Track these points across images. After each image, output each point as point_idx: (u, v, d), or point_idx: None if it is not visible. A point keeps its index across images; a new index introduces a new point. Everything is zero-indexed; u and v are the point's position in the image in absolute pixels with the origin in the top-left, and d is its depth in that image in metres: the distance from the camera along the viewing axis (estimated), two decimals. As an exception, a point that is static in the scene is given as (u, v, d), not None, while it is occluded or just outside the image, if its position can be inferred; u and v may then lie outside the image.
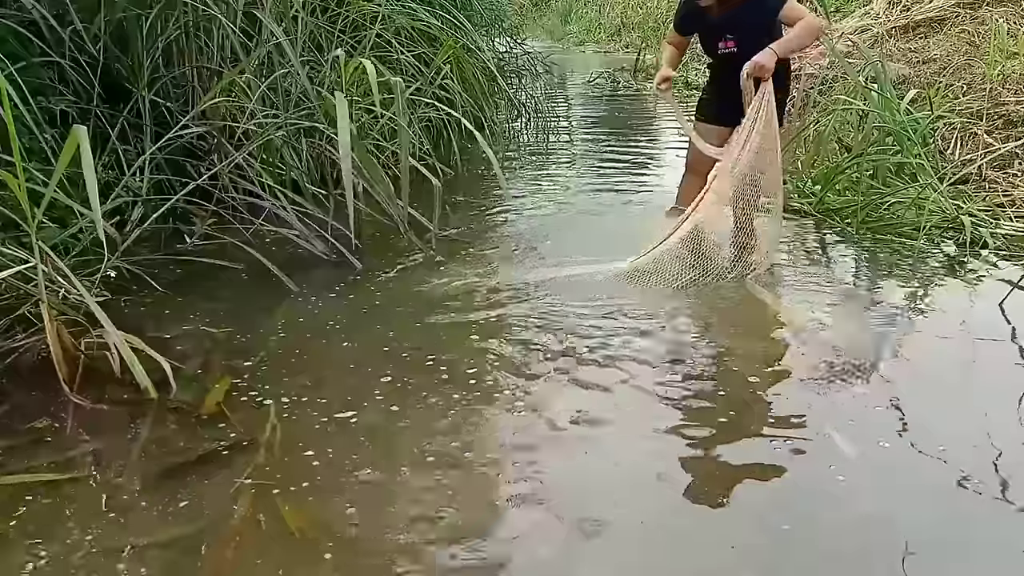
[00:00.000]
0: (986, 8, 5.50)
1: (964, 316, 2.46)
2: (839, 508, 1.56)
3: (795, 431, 1.83)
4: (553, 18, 16.58)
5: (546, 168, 4.72)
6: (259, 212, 3.09)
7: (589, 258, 2.94)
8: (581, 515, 1.53)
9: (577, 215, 3.66)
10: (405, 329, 2.36)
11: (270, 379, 2.06)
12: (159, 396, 1.94)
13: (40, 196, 2.05)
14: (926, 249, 3.01)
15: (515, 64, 6.61)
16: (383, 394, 1.98)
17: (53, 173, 1.98)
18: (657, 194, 3.92)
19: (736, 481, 1.65)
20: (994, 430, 1.81)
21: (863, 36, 6.04)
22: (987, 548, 1.47)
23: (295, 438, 1.79)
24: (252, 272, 2.76)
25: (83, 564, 1.40)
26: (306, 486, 1.62)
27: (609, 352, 2.19)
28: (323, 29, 3.85)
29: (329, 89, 3.47)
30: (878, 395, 1.98)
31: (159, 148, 2.98)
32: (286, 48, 3.04)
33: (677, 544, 1.48)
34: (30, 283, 2.09)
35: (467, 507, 1.57)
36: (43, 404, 1.91)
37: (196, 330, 2.35)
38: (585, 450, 1.75)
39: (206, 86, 3.32)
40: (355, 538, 1.48)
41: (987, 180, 3.52)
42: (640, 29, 12.34)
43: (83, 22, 2.97)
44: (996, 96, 3.98)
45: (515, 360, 2.16)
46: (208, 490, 1.61)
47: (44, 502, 1.57)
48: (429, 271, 2.87)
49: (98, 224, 1.87)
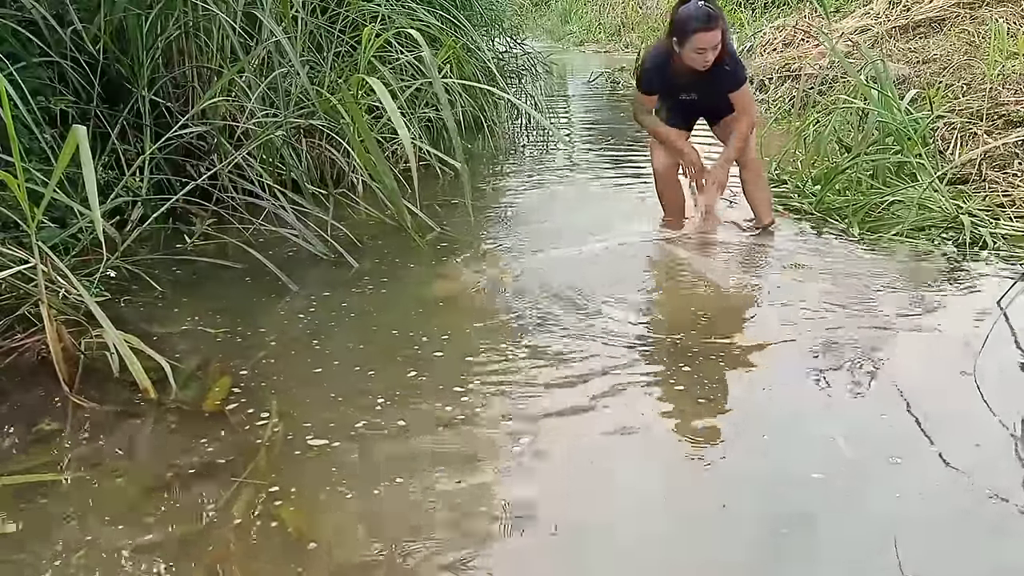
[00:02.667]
0: (986, 8, 5.50)
1: (964, 316, 2.46)
2: (839, 508, 1.56)
3: (795, 431, 1.83)
4: (553, 18, 16.56)
5: (546, 168, 4.72)
6: (259, 212, 3.09)
7: (590, 256, 2.94)
8: (584, 534, 1.53)
9: (578, 215, 3.65)
10: (405, 329, 2.36)
11: (270, 379, 2.06)
12: (159, 396, 1.94)
13: (40, 196, 2.04)
14: (926, 249, 3.01)
15: (515, 64, 6.61)
16: (384, 394, 1.98)
17: (53, 173, 1.98)
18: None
19: (733, 480, 1.65)
20: (994, 430, 1.81)
21: (863, 36, 6.04)
22: (988, 549, 1.46)
23: (295, 438, 1.79)
24: (252, 272, 2.76)
25: (83, 564, 1.40)
26: (306, 487, 1.62)
27: (615, 356, 2.18)
28: (323, 29, 3.86)
29: (330, 89, 3.47)
30: (877, 395, 1.98)
31: (159, 148, 2.99)
32: (286, 48, 3.04)
33: (675, 543, 1.49)
34: (30, 283, 2.09)
35: (468, 508, 1.57)
36: (43, 404, 1.91)
37: (196, 330, 2.35)
38: (591, 459, 1.75)
39: (206, 86, 3.32)
40: (354, 539, 1.48)
41: (987, 180, 3.52)
42: (640, 29, 12.33)
43: (83, 22, 2.96)
44: (996, 96, 3.98)
45: (516, 361, 2.16)
46: (207, 490, 1.60)
47: (44, 502, 1.57)
48: (430, 270, 2.87)
49: (98, 224, 1.87)
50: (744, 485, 1.63)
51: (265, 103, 3.38)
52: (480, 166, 4.55)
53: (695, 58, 2.91)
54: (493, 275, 2.82)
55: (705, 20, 2.83)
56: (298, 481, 1.63)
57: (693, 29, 2.85)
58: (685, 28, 2.87)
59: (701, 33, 2.84)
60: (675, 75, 3.05)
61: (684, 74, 3.02)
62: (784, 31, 7.57)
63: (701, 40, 2.85)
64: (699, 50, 2.88)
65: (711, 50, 2.88)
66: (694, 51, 2.89)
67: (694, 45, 2.87)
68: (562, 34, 15.33)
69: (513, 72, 6.48)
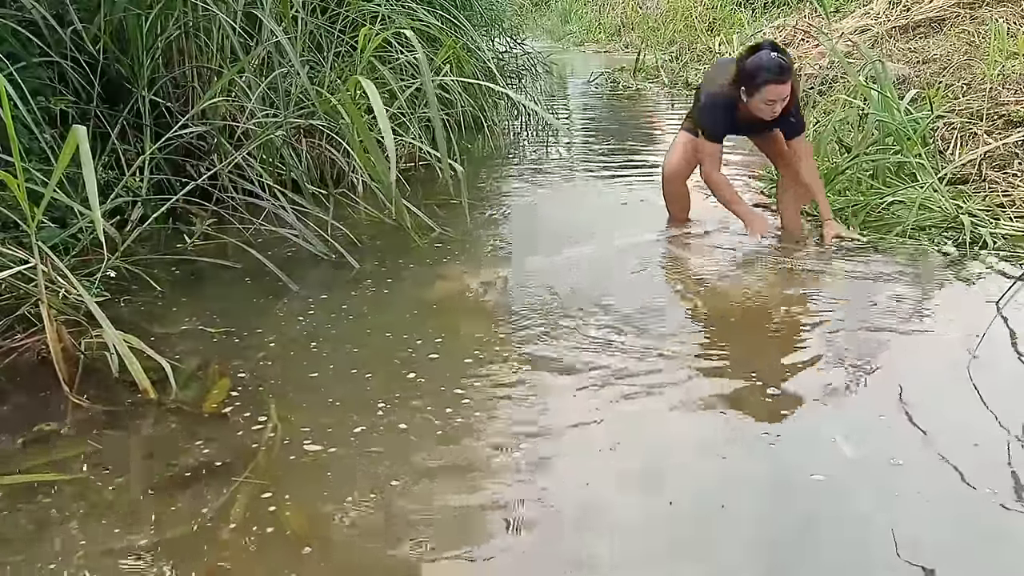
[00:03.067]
0: (986, 8, 5.50)
1: (963, 315, 2.46)
2: (838, 508, 1.56)
3: (795, 430, 1.83)
4: (553, 18, 16.56)
5: (546, 167, 4.72)
6: (259, 212, 3.09)
7: (590, 257, 2.94)
8: (584, 536, 1.53)
9: (578, 215, 3.65)
10: (406, 329, 2.36)
11: (270, 379, 2.06)
12: (158, 396, 1.94)
13: (40, 196, 2.04)
14: (926, 249, 3.01)
15: (515, 64, 6.61)
16: (384, 395, 1.98)
17: (53, 173, 1.98)
18: (657, 192, 3.91)
19: (732, 479, 1.65)
20: (994, 429, 1.81)
21: (863, 36, 6.04)
22: (988, 549, 1.46)
23: (295, 439, 1.79)
24: (252, 272, 2.76)
25: (83, 564, 1.40)
26: (305, 488, 1.62)
27: (622, 362, 2.16)
28: (323, 29, 3.86)
29: (330, 89, 3.47)
30: (877, 395, 1.98)
31: (159, 148, 2.99)
32: (286, 48, 3.04)
33: (673, 543, 1.49)
34: (30, 283, 2.09)
35: (468, 510, 1.57)
36: (43, 404, 1.91)
37: (196, 330, 2.35)
38: (592, 463, 1.75)
39: (206, 86, 3.32)
40: (354, 541, 1.48)
41: (987, 180, 3.52)
42: (640, 29, 12.33)
43: (83, 22, 2.97)
44: (996, 96, 3.98)
45: (516, 363, 2.15)
46: (207, 490, 1.60)
47: (44, 502, 1.57)
48: (429, 271, 2.87)
49: (98, 224, 1.87)
50: (743, 485, 1.63)
51: (265, 103, 3.38)
52: (480, 166, 4.55)
53: (763, 109, 2.86)
54: (493, 276, 2.82)
55: (778, 72, 2.78)
56: (297, 482, 1.63)
57: (765, 80, 2.79)
58: (756, 78, 2.81)
59: (773, 85, 2.79)
60: (738, 121, 3.00)
61: (747, 120, 2.97)
62: (784, 31, 7.58)
63: (772, 92, 2.80)
64: (769, 101, 2.83)
65: (780, 102, 2.83)
66: (763, 102, 2.83)
67: (764, 96, 2.82)
68: (562, 34, 15.33)
69: (513, 72, 6.47)
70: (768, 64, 2.80)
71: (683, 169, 3.29)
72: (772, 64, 2.79)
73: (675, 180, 3.33)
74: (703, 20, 10.60)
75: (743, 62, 2.87)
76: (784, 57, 2.83)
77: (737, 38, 8.54)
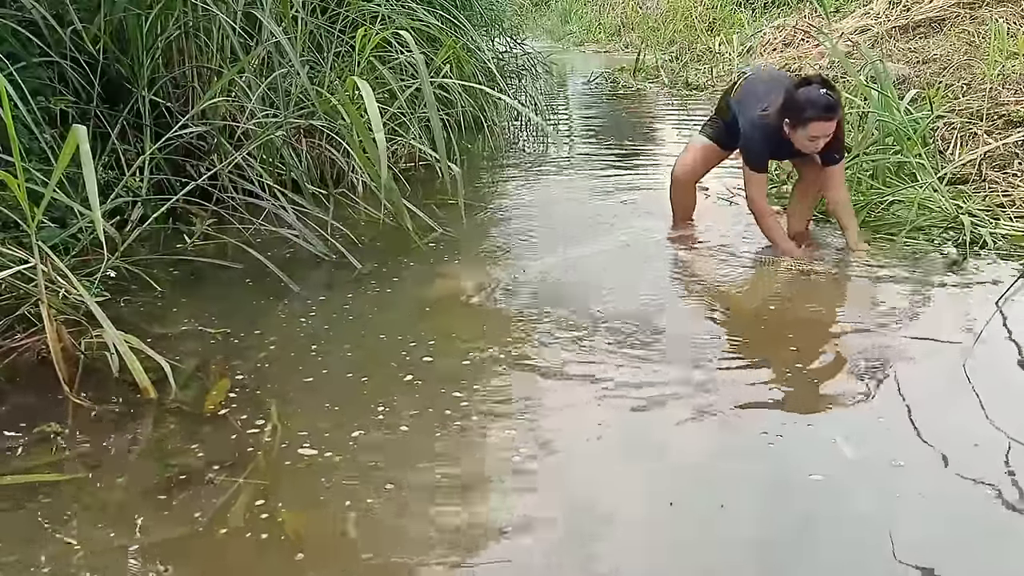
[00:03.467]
0: (986, 8, 5.51)
1: (963, 315, 2.46)
2: (839, 508, 1.56)
3: (794, 430, 1.83)
4: (553, 18, 16.56)
5: (546, 167, 4.72)
6: (259, 212, 3.09)
7: (590, 258, 2.94)
8: (584, 539, 1.53)
9: (578, 214, 3.65)
10: (406, 329, 2.36)
11: (270, 380, 2.06)
12: (158, 396, 1.94)
13: (40, 196, 2.04)
14: (926, 249, 3.00)
15: (515, 64, 6.60)
16: (384, 396, 1.98)
17: (53, 173, 1.98)
18: (658, 192, 3.92)
19: (731, 478, 1.65)
20: (993, 430, 1.81)
21: (863, 36, 6.04)
22: (988, 549, 1.46)
23: (294, 439, 1.78)
24: (252, 272, 2.76)
25: (83, 564, 1.40)
26: (305, 489, 1.62)
27: (621, 363, 2.16)
28: (323, 29, 3.85)
29: (330, 89, 3.47)
30: (877, 395, 1.97)
31: (159, 148, 2.99)
32: (286, 48, 3.04)
33: (673, 542, 1.48)
34: (30, 283, 2.09)
35: (468, 511, 1.57)
36: (43, 404, 1.91)
37: (196, 330, 2.35)
38: (593, 466, 1.74)
39: (206, 86, 3.32)
40: (353, 543, 1.47)
41: (987, 180, 3.52)
42: (640, 29, 12.33)
43: (83, 22, 2.96)
44: (996, 96, 3.98)
45: (516, 365, 2.15)
46: (206, 491, 1.60)
47: (44, 502, 1.57)
48: (430, 270, 2.87)
49: (98, 224, 1.87)
50: (743, 486, 1.63)
51: (265, 103, 3.38)
52: (480, 166, 4.55)
53: (806, 144, 2.81)
54: (493, 276, 2.82)
55: (824, 109, 2.72)
56: (297, 483, 1.63)
57: (811, 117, 2.73)
58: (803, 113, 2.74)
59: (819, 123, 2.73)
60: (780, 148, 2.95)
61: (790, 148, 2.91)
62: (784, 31, 7.59)
63: (817, 128, 2.74)
64: (812, 137, 2.77)
65: (824, 138, 2.78)
66: (807, 138, 2.77)
67: (809, 132, 2.76)
68: (562, 34, 15.32)
69: (513, 72, 6.47)
70: (816, 100, 2.73)
71: (695, 172, 3.27)
72: (821, 100, 2.73)
73: (685, 183, 3.31)
74: (703, 20, 10.61)
75: (792, 93, 2.81)
76: (833, 94, 2.76)
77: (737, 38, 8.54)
